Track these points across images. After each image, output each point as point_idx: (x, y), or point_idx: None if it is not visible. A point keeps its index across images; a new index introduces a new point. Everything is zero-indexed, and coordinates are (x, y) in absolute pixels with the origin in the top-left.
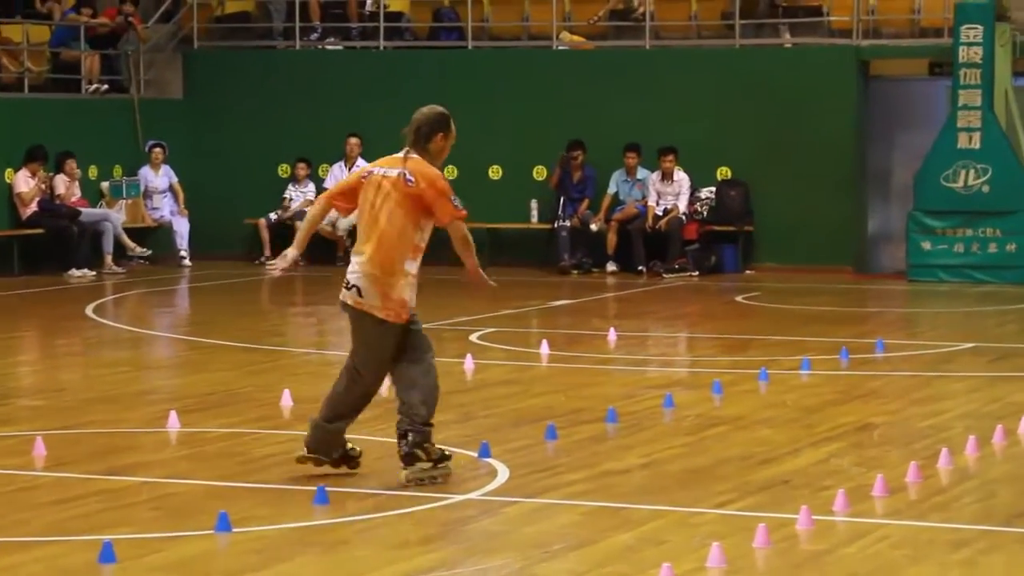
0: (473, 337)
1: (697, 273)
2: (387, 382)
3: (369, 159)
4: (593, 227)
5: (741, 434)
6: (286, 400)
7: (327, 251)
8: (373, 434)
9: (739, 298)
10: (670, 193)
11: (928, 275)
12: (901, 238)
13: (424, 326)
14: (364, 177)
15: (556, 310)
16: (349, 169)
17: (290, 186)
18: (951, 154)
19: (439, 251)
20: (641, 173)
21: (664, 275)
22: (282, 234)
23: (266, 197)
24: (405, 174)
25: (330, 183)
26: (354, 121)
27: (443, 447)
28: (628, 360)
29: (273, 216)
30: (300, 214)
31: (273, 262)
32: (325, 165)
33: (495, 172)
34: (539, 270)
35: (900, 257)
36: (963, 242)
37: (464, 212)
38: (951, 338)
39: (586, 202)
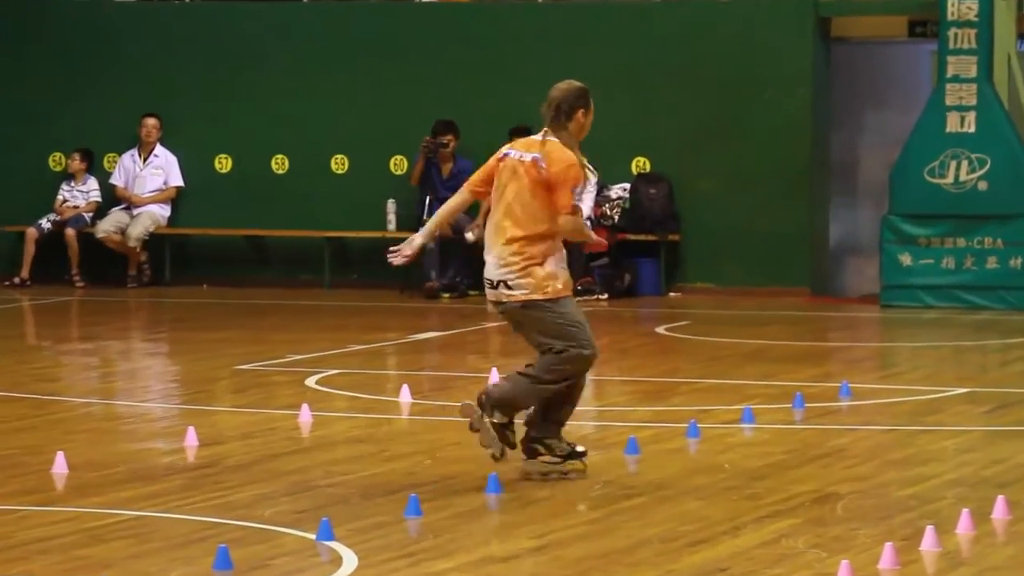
0: (310, 381)
1: (606, 296)
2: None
3: (175, 146)
4: (469, 236)
5: (664, 508)
6: (59, 466)
7: (115, 268)
8: (174, 511)
9: (661, 329)
10: None
11: (908, 298)
12: (873, 251)
13: (245, 366)
14: (501, 160)
15: (421, 345)
16: (144, 160)
17: (64, 184)
18: (938, 141)
19: (256, 271)
20: None
21: None
22: (56, 246)
23: (32, 198)
24: (539, 159)
25: (119, 178)
26: (151, 98)
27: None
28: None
29: (46, 223)
30: (78, 219)
31: (397, 248)
32: (113, 155)
33: (339, 164)
34: (399, 293)
35: (871, 276)
36: (954, 255)
37: (578, 206)
38: (938, 381)
39: None
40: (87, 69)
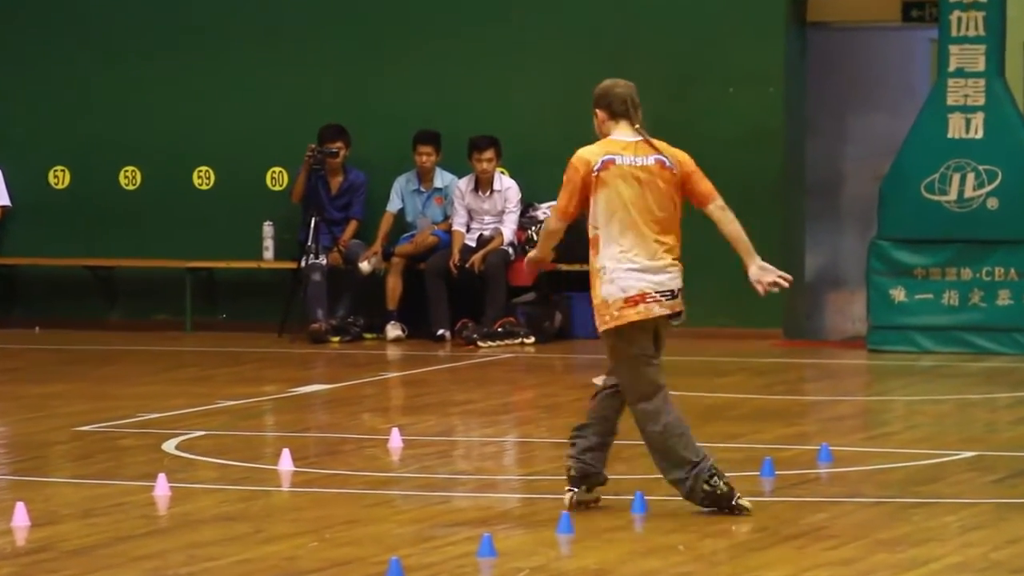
0: (169, 446)
1: (533, 340)
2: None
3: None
4: (364, 266)
5: None
6: None
7: None
8: None
9: (599, 380)
10: (488, 212)
11: (901, 342)
12: (859, 283)
13: (88, 427)
14: (599, 170)
15: (306, 400)
16: None
17: None
18: (938, 148)
19: (101, 310)
20: (442, 179)
21: (480, 343)
22: None
23: None
24: (664, 160)
25: None
26: None
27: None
28: (422, 481)
29: None
30: None
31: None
32: None
33: (202, 178)
34: (278, 336)
35: (857, 314)
36: (957, 289)
37: None
38: (938, 443)
39: (353, 225)
40: None
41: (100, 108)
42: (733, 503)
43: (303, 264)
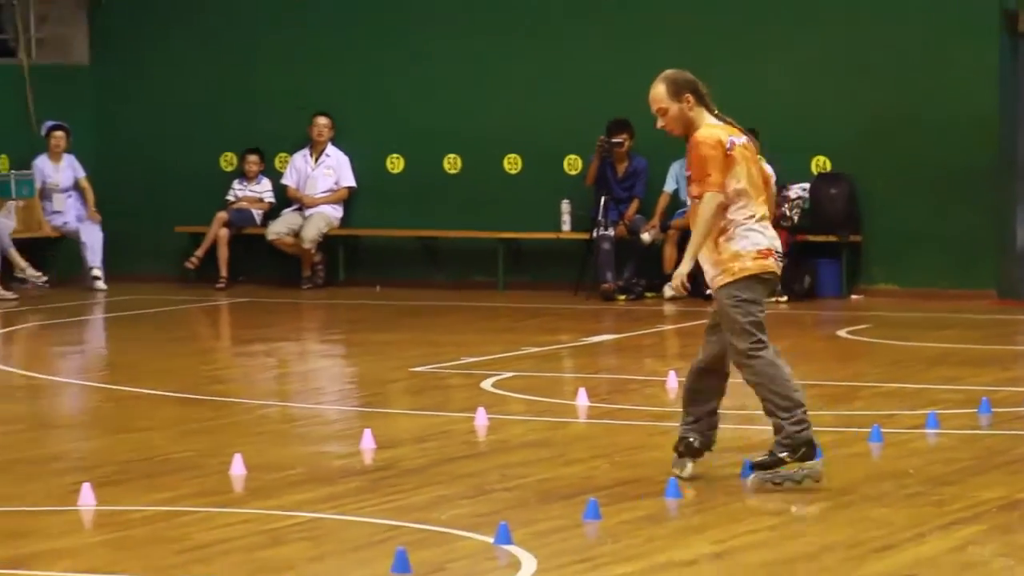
0: (486, 384)
1: (786, 299)
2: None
3: (344, 145)
4: (645, 237)
5: (847, 513)
6: (237, 468)
7: (288, 270)
8: (350, 514)
9: (843, 332)
10: None
11: None
12: None
13: (420, 368)
14: (731, 149)
15: (597, 348)
16: (316, 160)
17: (236, 183)
18: None
19: (429, 273)
20: None
21: None
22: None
23: (205, 197)
24: (750, 139)
25: (290, 179)
26: (322, 95)
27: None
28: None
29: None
30: (245, 216)
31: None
32: (284, 155)
33: (512, 163)
34: (574, 295)
35: None
36: None
37: None
38: None
39: (635, 204)
40: (257, 66)
41: (430, 110)
42: (812, 460)
43: (594, 235)
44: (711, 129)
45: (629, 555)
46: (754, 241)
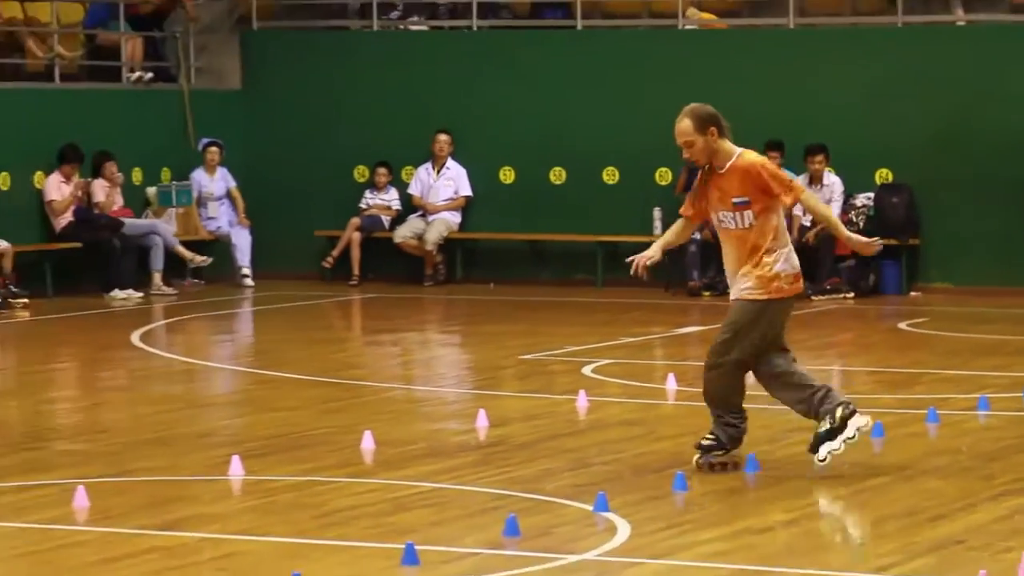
0: (586, 370)
1: (852, 295)
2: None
3: (462, 159)
4: None
5: (905, 486)
6: (367, 443)
7: (412, 269)
8: (467, 484)
9: (903, 324)
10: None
11: None
12: None
13: (528, 356)
14: None
15: (685, 338)
16: (438, 172)
17: (368, 192)
18: None
19: (535, 272)
20: (827, 178)
21: (813, 297)
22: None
23: (340, 205)
24: None
25: (415, 189)
26: (443, 115)
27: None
28: (771, 398)
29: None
30: (375, 222)
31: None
32: (409, 168)
33: (610, 175)
34: (664, 292)
35: None
36: None
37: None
38: None
39: None
40: (387, 90)
41: (537, 127)
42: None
43: None
44: (752, 153)
45: (712, 522)
46: (793, 264)
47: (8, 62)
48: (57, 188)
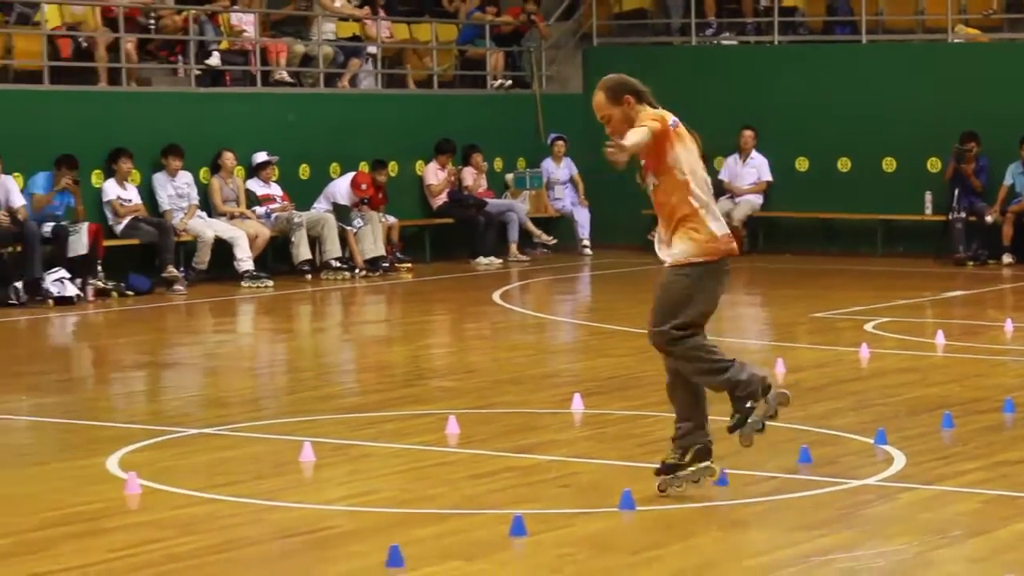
0: (868, 326)
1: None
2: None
3: (764, 150)
4: (988, 219)
5: None
6: None
7: None
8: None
9: None
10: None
11: None
12: None
13: (819, 315)
14: (672, 127)
15: (951, 301)
16: (743, 161)
17: None
18: None
19: (825, 245)
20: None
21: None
22: None
23: None
24: None
25: (725, 175)
26: (748, 114)
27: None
28: None
29: None
30: None
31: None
32: (720, 157)
33: (889, 164)
34: (933, 261)
35: None
36: None
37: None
38: None
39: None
40: (701, 93)
41: (830, 123)
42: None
43: (950, 217)
44: (654, 111)
45: (974, 455)
46: (722, 224)
47: (396, 72)
48: (434, 174)
